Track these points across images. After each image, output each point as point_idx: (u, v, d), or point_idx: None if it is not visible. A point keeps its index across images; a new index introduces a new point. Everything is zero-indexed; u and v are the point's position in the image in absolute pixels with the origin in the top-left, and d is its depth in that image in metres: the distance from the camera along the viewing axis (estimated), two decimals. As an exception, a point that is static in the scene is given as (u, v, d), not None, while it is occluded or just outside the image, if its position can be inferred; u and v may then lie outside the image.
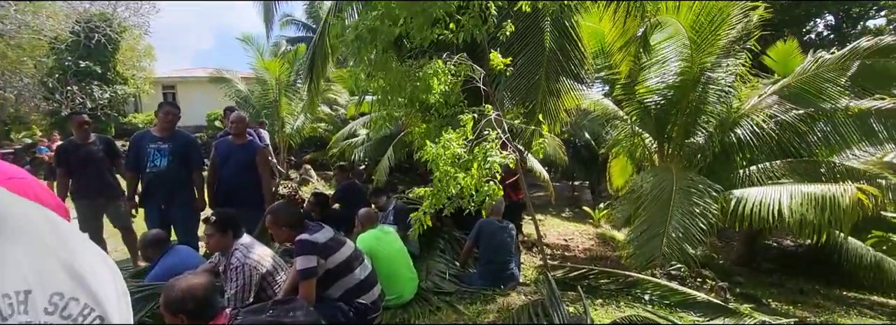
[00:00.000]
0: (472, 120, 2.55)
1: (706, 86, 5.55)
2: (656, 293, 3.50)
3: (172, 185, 3.50)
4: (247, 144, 3.76)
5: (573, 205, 11.55)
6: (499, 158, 2.42)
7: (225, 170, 3.68)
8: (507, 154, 2.50)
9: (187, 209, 3.61)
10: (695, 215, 3.88)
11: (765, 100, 5.89)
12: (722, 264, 7.43)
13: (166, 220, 3.53)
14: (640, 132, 6.71)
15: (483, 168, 2.41)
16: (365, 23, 2.47)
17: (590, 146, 12.14)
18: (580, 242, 7.45)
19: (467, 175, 2.43)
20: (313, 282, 2.23)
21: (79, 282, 0.43)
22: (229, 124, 4.36)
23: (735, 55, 5.53)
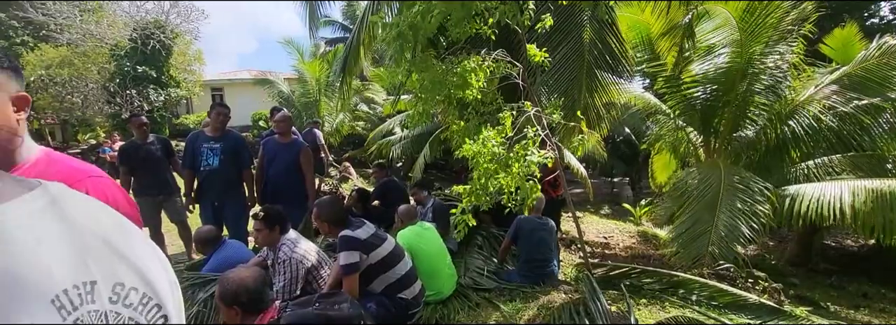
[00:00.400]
0: (511, 117, 2.54)
1: (756, 76, 5.26)
2: (704, 294, 3.38)
3: (224, 182, 3.69)
4: (291, 144, 3.91)
5: (612, 202, 11.25)
6: (537, 156, 2.40)
7: (271, 168, 3.84)
8: (544, 153, 2.48)
9: (238, 206, 3.80)
10: (744, 214, 3.70)
11: (822, 90, 5.51)
12: (775, 264, 7.06)
13: (219, 215, 3.73)
14: (684, 126, 6.45)
15: (522, 167, 2.40)
16: (406, 20, 2.50)
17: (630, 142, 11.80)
18: (620, 240, 7.26)
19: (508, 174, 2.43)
20: (356, 277, 2.31)
21: (137, 273, 0.46)
22: (274, 124, 4.56)
23: (788, 43, 5.21)
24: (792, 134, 5.44)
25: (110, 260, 0.44)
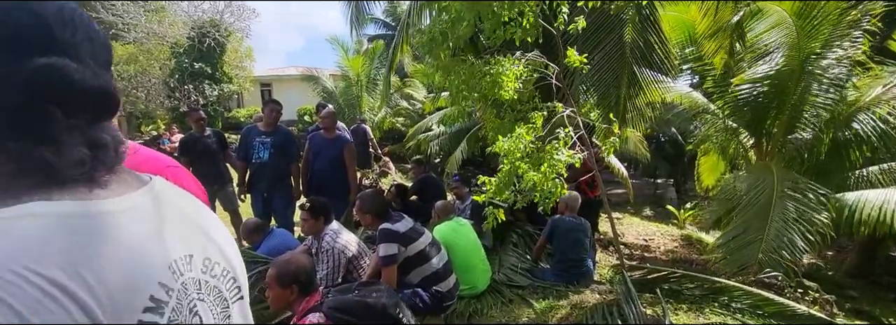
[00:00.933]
0: (542, 117, 2.56)
1: (814, 76, 4.95)
2: (747, 302, 3.26)
3: (273, 175, 3.91)
4: (336, 139, 4.08)
5: (655, 204, 10.90)
6: (565, 156, 2.41)
7: (316, 162, 4.02)
8: (573, 153, 2.48)
9: (286, 197, 4.00)
10: (799, 223, 3.52)
11: (891, 90, 5.11)
12: (832, 275, 6.63)
13: (268, 205, 3.96)
14: (734, 127, 6.16)
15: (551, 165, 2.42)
16: (438, 26, 2.57)
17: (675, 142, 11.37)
18: (662, 243, 7.05)
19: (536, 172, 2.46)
20: (395, 268, 2.41)
21: (219, 251, 0.57)
22: (319, 119, 4.77)
23: (852, 40, 4.86)
24: (855, 136, 5.09)
25: (200, 239, 0.54)
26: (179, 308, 0.46)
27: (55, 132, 0.44)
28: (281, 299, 1.83)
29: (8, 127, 0.42)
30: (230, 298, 0.57)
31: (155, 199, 0.51)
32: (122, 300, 0.40)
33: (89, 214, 0.42)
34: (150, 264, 0.44)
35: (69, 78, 0.43)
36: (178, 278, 0.47)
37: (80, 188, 0.44)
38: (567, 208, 3.70)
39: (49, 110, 0.43)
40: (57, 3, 0.45)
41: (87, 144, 0.46)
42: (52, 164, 0.43)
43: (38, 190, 0.42)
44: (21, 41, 0.42)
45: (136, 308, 0.41)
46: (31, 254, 0.36)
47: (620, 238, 6.79)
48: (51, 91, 0.43)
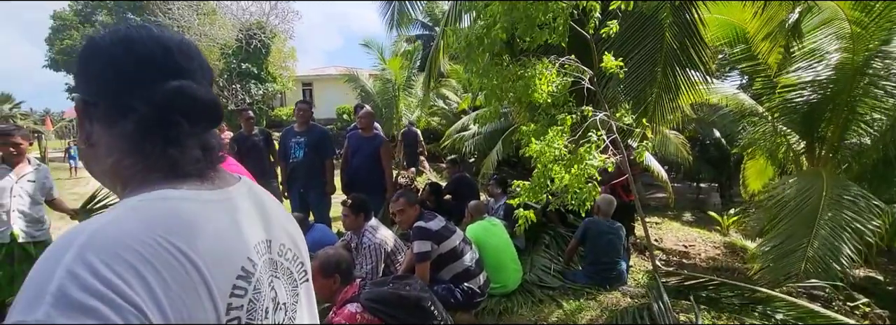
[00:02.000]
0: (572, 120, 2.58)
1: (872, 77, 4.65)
2: (790, 314, 3.12)
3: (308, 173, 4.08)
4: (373, 138, 4.23)
5: (697, 209, 10.51)
6: (597, 160, 2.42)
7: (354, 160, 4.19)
8: (606, 158, 2.48)
9: (320, 193, 4.17)
10: (848, 231, 3.34)
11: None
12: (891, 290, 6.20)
13: (304, 201, 4.14)
14: (784, 131, 5.86)
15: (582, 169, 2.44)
16: (474, 31, 2.64)
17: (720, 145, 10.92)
18: (703, 249, 6.81)
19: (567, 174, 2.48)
20: (427, 264, 2.51)
21: (290, 238, 0.68)
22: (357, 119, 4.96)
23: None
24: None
25: (276, 228, 0.65)
26: (261, 280, 0.57)
27: (182, 137, 0.56)
28: (325, 288, 1.96)
29: (148, 132, 0.55)
30: (299, 279, 0.68)
31: (246, 193, 0.63)
32: (222, 266, 0.51)
33: (201, 200, 0.55)
34: (242, 243, 0.56)
35: (194, 96, 0.56)
36: (261, 256, 0.58)
37: (194, 181, 0.57)
38: (600, 211, 3.68)
39: (179, 121, 0.56)
40: (178, 36, 0.60)
41: (201, 147, 0.58)
42: (178, 161, 0.55)
43: (165, 182, 0.54)
44: (156, 68, 0.56)
45: (231, 274, 0.52)
46: (163, 226, 0.47)
47: (658, 243, 6.61)
48: (181, 106, 0.56)
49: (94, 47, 0.57)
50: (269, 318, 0.58)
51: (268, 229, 0.63)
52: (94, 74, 0.57)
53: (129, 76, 0.55)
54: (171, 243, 0.46)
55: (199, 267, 0.47)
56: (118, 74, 0.55)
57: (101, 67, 0.56)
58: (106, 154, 0.57)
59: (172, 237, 0.46)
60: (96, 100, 0.56)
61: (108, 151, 0.57)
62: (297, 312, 0.65)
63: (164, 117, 0.55)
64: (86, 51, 0.57)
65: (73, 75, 0.59)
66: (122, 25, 0.60)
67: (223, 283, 0.50)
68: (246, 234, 0.57)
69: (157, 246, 0.45)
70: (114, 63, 0.55)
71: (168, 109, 0.55)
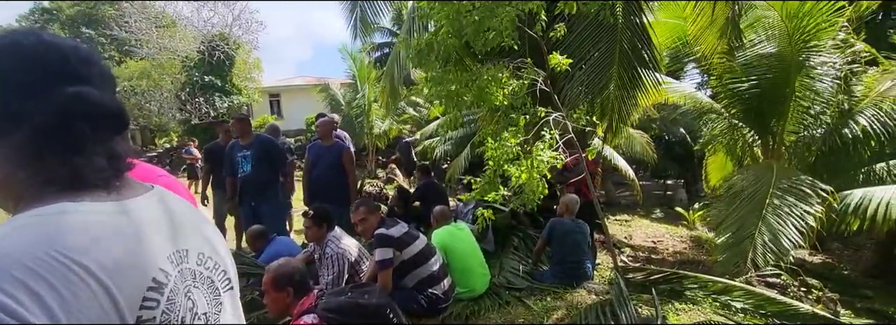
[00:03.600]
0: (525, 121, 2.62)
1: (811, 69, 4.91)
2: (750, 302, 3.24)
3: (257, 185, 3.95)
4: (332, 146, 4.17)
5: (664, 205, 10.80)
6: (548, 157, 2.47)
7: (314, 170, 4.12)
8: (555, 155, 2.53)
9: (273, 205, 4.05)
10: (792, 217, 3.49)
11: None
12: (848, 274, 6.50)
13: (257, 215, 3.98)
14: (740, 126, 6.11)
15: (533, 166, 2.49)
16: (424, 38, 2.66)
17: (684, 142, 11.29)
18: (670, 244, 6.99)
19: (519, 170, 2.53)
20: (389, 272, 2.47)
21: (211, 247, 0.66)
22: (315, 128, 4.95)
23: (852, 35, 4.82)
24: (862, 133, 5.01)
25: (195, 237, 0.64)
26: (176, 290, 0.55)
27: (85, 145, 0.54)
28: (278, 302, 1.90)
29: (48, 142, 0.52)
30: (221, 288, 0.66)
31: (158, 202, 0.61)
32: (129, 278, 0.49)
33: (104, 211, 0.52)
34: (153, 254, 0.54)
35: (95, 102, 0.54)
36: (176, 266, 0.57)
37: (98, 192, 0.54)
38: (566, 210, 3.72)
39: (81, 127, 0.53)
40: (72, 42, 0.58)
41: (107, 155, 0.56)
42: (80, 171, 0.53)
43: (64, 194, 0.52)
44: (53, 74, 0.54)
45: (140, 286, 0.50)
46: (62, 241, 0.45)
47: (628, 240, 6.75)
48: (81, 112, 0.53)
49: None
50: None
51: (185, 238, 0.61)
52: None
53: (18, 84, 0.52)
54: (68, 258, 0.44)
55: (101, 280, 0.45)
56: (5, 83, 0.53)
57: None
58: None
59: (69, 252, 0.45)
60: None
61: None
62: (221, 320, 0.64)
63: (63, 125, 0.53)
64: None
65: None
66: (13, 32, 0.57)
67: (131, 295, 0.48)
68: (155, 245, 0.55)
69: (52, 261, 0.43)
70: (1, 70, 0.53)
71: (68, 116, 0.53)
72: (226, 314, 0.66)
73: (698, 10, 3.82)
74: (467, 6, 2.50)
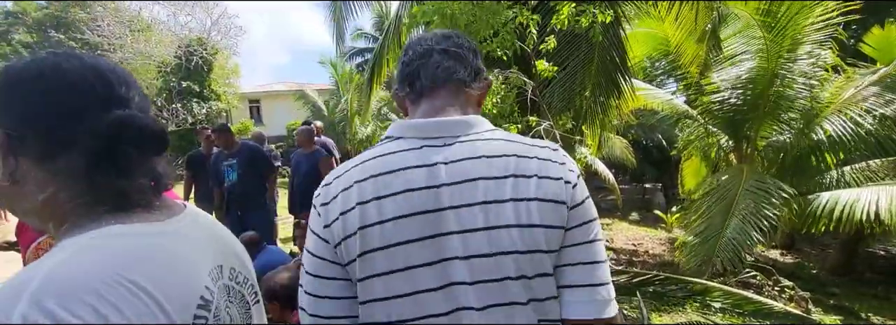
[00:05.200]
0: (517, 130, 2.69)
1: (786, 79, 5.16)
2: (728, 302, 3.39)
3: (243, 194, 3.93)
4: (312, 153, 4.22)
5: (643, 208, 11.08)
6: None
7: (296, 178, 4.15)
8: None
9: (260, 213, 4.03)
10: (755, 217, 3.68)
11: (861, 92, 5.33)
12: (815, 273, 6.79)
13: (244, 224, 3.94)
14: (714, 132, 6.36)
15: None
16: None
17: (661, 147, 11.61)
18: (650, 247, 7.19)
19: None
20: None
21: (239, 262, 0.69)
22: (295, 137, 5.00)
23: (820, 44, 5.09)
24: (828, 138, 5.28)
25: (227, 252, 0.66)
26: (219, 307, 0.57)
27: (132, 168, 0.56)
28: (271, 312, 1.91)
29: (96, 165, 0.54)
30: (250, 301, 0.69)
31: (193, 220, 0.64)
32: (183, 298, 0.51)
33: (153, 233, 0.55)
34: (198, 272, 0.56)
35: (140, 124, 0.56)
36: (216, 283, 0.59)
37: (142, 213, 0.56)
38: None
39: (128, 150, 0.55)
40: (107, 64, 0.59)
41: (149, 176, 0.59)
42: (126, 192, 0.55)
43: (111, 216, 0.54)
44: (100, 98, 0.55)
45: (191, 305, 0.52)
46: (120, 263, 0.47)
47: (610, 244, 6.92)
48: (129, 136, 0.55)
49: (17, 77, 0.54)
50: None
51: (219, 254, 0.63)
52: (19, 105, 0.54)
53: (67, 109, 0.53)
54: (129, 280, 0.46)
55: (159, 301, 0.47)
56: (53, 106, 0.53)
57: (29, 98, 0.54)
58: (37, 190, 0.54)
59: (130, 274, 0.46)
60: (21, 133, 0.53)
61: (39, 186, 0.54)
62: None
63: (111, 148, 0.54)
64: (5, 81, 0.54)
65: None
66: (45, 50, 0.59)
67: (184, 315, 0.50)
68: (200, 262, 0.57)
69: (116, 284, 0.45)
70: (47, 93, 0.53)
71: (116, 140, 0.54)
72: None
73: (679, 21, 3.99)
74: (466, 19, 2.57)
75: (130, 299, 0.45)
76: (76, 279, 0.44)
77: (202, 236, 0.62)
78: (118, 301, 0.44)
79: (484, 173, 0.71)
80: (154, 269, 0.49)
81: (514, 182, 0.71)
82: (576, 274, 0.73)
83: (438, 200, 0.70)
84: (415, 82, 0.82)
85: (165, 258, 0.52)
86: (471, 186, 0.70)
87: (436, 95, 0.82)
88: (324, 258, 0.75)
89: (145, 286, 0.46)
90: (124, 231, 0.52)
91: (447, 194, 0.70)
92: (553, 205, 0.71)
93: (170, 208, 0.62)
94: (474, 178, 0.71)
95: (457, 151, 0.73)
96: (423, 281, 0.69)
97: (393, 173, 0.72)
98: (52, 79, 0.54)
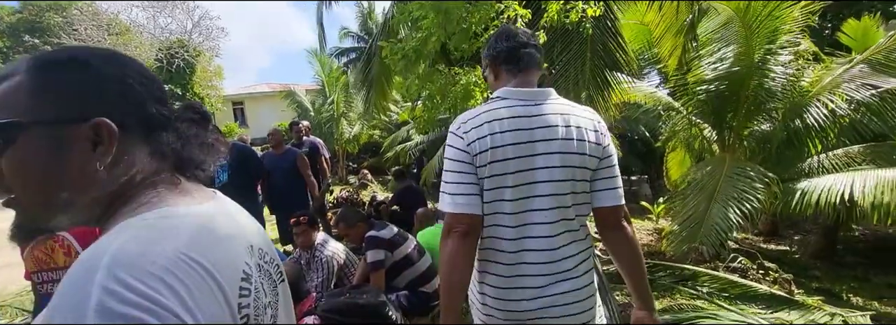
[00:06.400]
0: None
1: (765, 70, 5.29)
2: (715, 286, 3.48)
3: (234, 194, 3.94)
4: (285, 153, 4.29)
5: (631, 200, 11.25)
6: None
7: (271, 179, 4.20)
8: None
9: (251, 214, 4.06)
10: (736, 200, 3.79)
11: (837, 80, 5.49)
12: (798, 258, 7.00)
13: None
14: (698, 123, 6.49)
15: None
16: (410, 44, 2.76)
17: (645, 139, 11.81)
18: (638, 237, 7.31)
19: None
20: (382, 273, 2.54)
21: (265, 243, 0.72)
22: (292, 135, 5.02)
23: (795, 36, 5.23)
24: (806, 126, 5.42)
25: (254, 233, 0.70)
26: (257, 281, 0.61)
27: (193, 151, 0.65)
28: None
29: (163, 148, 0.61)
30: (277, 280, 0.73)
31: (224, 205, 0.69)
32: (230, 271, 0.55)
33: (197, 214, 0.59)
34: (239, 249, 0.60)
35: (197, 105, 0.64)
36: (251, 258, 0.63)
37: (191, 194, 0.62)
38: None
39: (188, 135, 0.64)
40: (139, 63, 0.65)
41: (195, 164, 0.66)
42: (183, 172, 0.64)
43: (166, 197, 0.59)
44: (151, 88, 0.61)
45: (237, 278, 0.56)
46: (179, 240, 0.51)
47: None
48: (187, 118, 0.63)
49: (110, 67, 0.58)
50: (267, 316, 0.63)
51: (249, 234, 0.67)
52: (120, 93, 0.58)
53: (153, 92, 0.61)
54: (188, 256, 0.49)
55: (214, 275, 0.51)
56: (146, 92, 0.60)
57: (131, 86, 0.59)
58: (122, 174, 0.58)
59: (188, 251, 0.50)
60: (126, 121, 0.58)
61: (125, 169, 0.58)
62: (279, 309, 0.70)
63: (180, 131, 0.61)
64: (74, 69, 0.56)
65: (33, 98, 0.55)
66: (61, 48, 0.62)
67: (232, 286, 0.54)
68: (238, 241, 0.62)
69: (178, 260, 0.48)
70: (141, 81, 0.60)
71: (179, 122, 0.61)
72: (281, 305, 0.72)
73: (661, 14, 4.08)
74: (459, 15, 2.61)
75: (192, 273, 0.49)
76: (144, 256, 0.47)
77: (233, 217, 0.67)
78: (183, 276, 0.47)
79: (559, 122, 1.21)
80: (205, 246, 0.53)
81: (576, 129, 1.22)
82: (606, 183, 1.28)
83: (532, 135, 1.19)
84: (519, 62, 1.28)
85: (212, 237, 0.56)
86: (552, 130, 1.20)
87: (529, 72, 1.29)
88: (463, 162, 1.19)
89: (202, 262, 0.50)
90: (175, 213, 0.56)
91: (538, 133, 1.19)
92: (595, 145, 1.24)
93: (204, 191, 0.67)
94: (556, 124, 1.21)
95: (542, 109, 1.23)
96: (519, 180, 1.19)
97: (508, 118, 1.19)
98: (134, 67, 0.60)
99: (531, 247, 1.19)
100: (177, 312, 0.44)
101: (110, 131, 0.56)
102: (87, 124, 0.55)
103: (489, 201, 1.18)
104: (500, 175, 1.17)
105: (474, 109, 1.26)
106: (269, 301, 0.66)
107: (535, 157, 1.17)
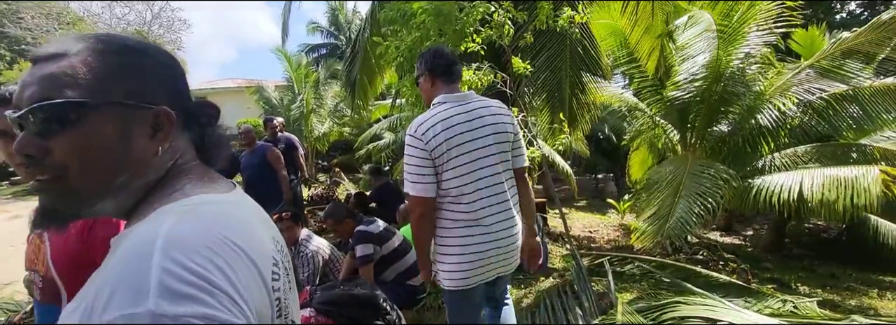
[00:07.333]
0: None
1: (731, 76, 5.60)
2: (679, 276, 3.70)
3: None
4: (255, 150, 4.32)
5: (597, 197, 11.65)
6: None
7: (244, 176, 4.28)
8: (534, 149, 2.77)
9: None
10: (702, 196, 4.04)
11: (788, 83, 5.87)
12: (751, 251, 7.47)
13: None
14: (662, 123, 6.79)
15: None
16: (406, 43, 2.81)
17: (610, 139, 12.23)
18: (605, 233, 7.61)
19: None
20: (371, 267, 2.57)
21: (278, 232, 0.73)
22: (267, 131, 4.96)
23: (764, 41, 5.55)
24: (760, 127, 5.78)
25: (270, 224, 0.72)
26: (283, 269, 0.64)
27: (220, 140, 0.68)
28: None
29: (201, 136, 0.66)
30: (289, 269, 0.74)
31: (244, 195, 0.70)
32: (263, 256, 0.56)
33: (233, 201, 0.61)
34: (266, 237, 0.62)
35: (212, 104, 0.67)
36: (275, 246, 0.65)
37: (217, 184, 0.64)
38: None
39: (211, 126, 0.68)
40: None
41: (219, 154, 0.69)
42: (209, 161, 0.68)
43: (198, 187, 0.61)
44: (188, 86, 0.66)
45: (269, 263, 0.58)
46: (220, 225, 0.53)
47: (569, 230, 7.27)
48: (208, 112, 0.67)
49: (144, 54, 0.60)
50: (291, 301, 0.65)
51: (268, 225, 0.70)
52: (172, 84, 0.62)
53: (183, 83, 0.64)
54: (230, 240, 0.51)
55: (252, 259, 0.53)
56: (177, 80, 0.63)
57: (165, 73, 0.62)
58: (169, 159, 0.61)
59: (229, 235, 0.52)
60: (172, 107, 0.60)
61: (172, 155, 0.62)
62: (291, 298, 0.71)
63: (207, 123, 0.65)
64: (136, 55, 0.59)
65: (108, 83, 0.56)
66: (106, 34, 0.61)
67: (266, 271, 0.56)
68: (263, 229, 0.64)
69: (221, 243, 0.50)
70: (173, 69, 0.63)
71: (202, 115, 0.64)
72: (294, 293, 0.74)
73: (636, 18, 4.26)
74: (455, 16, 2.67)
75: (234, 255, 0.51)
76: (193, 238, 0.48)
77: (253, 208, 0.69)
78: (224, 255, 0.49)
79: (486, 114, 1.70)
80: (242, 231, 0.55)
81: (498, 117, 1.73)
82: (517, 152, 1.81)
83: (472, 125, 1.66)
84: (452, 74, 1.77)
85: (244, 223, 0.57)
86: (482, 120, 1.68)
87: (457, 82, 1.81)
88: (423, 158, 1.62)
89: (240, 245, 0.52)
90: (212, 200, 0.58)
91: (476, 123, 1.67)
92: (511, 126, 1.76)
93: (226, 181, 0.69)
94: (484, 115, 1.70)
95: (473, 106, 1.71)
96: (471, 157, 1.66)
97: (451, 117, 1.64)
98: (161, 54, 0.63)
99: (485, 195, 1.66)
100: (228, 291, 0.46)
101: (169, 119, 0.59)
102: (151, 111, 0.58)
103: (450, 178, 1.64)
104: (455, 157, 1.62)
105: (424, 113, 1.69)
106: (289, 287, 0.69)
107: (477, 140, 1.65)
